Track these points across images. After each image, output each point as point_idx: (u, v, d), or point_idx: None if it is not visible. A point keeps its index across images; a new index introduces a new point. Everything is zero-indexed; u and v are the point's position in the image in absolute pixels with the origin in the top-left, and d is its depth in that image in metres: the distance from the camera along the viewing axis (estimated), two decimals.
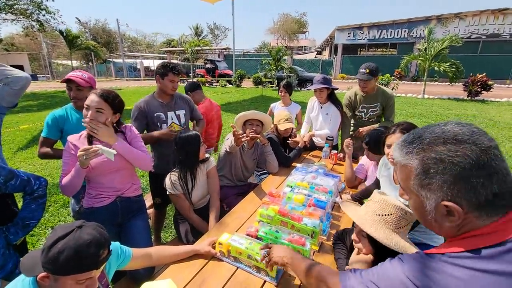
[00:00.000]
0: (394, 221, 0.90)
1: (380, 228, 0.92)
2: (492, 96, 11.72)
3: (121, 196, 1.66)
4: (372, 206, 0.99)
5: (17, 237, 1.38)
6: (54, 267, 0.81)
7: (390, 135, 1.55)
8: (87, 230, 0.87)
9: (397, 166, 0.65)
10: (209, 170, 1.94)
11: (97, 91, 1.51)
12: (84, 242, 0.83)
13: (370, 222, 0.96)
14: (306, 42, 44.10)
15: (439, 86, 17.43)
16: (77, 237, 0.84)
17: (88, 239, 0.84)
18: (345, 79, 21.43)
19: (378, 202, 0.95)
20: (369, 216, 0.97)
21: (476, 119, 7.76)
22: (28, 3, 15.33)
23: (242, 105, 10.13)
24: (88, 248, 0.83)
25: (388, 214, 0.91)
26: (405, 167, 0.62)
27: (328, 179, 1.98)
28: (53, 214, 3.01)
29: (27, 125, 7.11)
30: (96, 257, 0.86)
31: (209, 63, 21.26)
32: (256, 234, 1.40)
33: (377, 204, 0.95)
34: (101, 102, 1.48)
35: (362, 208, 1.06)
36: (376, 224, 0.94)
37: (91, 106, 1.47)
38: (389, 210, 0.91)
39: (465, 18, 19.09)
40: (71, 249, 0.81)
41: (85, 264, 0.84)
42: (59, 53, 31.86)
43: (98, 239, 0.87)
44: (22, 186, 1.38)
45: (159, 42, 43.15)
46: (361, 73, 2.58)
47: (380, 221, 0.93)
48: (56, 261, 0.80)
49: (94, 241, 0.85)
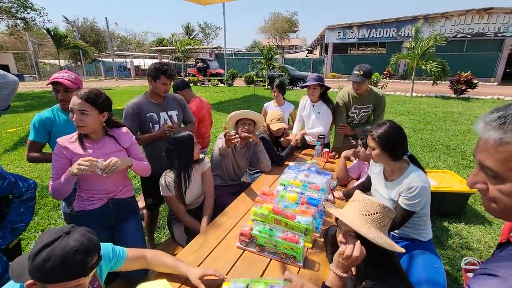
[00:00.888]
0: (380, 220, 0.93)
1: (368, 227, 0.95)
2: (477, 94, 12.10)
3: (114, 198, 1.65)
4: (357, 206, 1.01)
5: (5, 241, 1.35)
6: (40, 275, 0.78)
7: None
8: (75, 236, 0.83)
9: (490, 147, 0.56)
10: (204, 171, 1.94)
11: (78, 93, 1.47)
12: (71, 250, 0.80)
13: (358, 222, 0.98)
14: (297, 41, 44.26)
15: (427, 84, 17.79)
16: (63, 244, 0.80)
17: (75, 246, 0.81)
18: (336, 78, 21.65)
19: (363, 202, 0.97)
20: (356, 216, 0.99)
21: (462, 116, 7.99)
22: (13, 1, 14.87)
23: (234, 104, 10.12)
24: (75, 255, 0.80)
25: (374, 213, 0.93)
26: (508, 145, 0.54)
27: (320, 177, 2.01)
28: (43, 217, 2.95)
29: (14, 128, 6.91)
30: (84, 264, 0.82)
31: (200, 62, 21.09)
32: (250, 233, 1.42)
33: (362, 204, 0.97)
34: (83, 103, 1.45)
35: (347, 209, 1.07)
36: (364, 224, 0.96)
37: (74, 109, 1.45)
38: (375, 209, 0.93)
39: (451, 18, 19.54)
40: (57, 257, 0.78)
41: (72, 272, 0.81)
42: (46, 52, 30.97)
43: (85, 246, 0.83)
44: (10, 188, 1.35)
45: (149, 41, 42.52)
46: (354, 75, 2.60)
47: (367, 220, 0.96)
48: (42, 269, 0.77)
49: (82, 248, 0.82)
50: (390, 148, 1.49)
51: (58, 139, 1.52)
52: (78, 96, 1.46)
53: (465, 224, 2.81)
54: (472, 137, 5.83)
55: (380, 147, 1.50)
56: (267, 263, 1.34)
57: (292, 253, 1.33)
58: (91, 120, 1.49)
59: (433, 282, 1.34)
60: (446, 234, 2.64)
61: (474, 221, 2.86)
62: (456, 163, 4.45)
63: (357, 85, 2.65)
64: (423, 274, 1.38)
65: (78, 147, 1.51)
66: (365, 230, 0.94)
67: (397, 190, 1.53)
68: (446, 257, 2.34)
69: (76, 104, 1.45)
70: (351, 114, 2.87)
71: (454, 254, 2.37)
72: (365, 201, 0.97)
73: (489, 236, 2.62)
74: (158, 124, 2.17)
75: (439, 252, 2.39)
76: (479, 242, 2.54)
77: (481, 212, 3.03)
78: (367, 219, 0.95)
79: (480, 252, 2.40)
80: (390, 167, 1.58)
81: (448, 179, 3.17)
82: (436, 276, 1.37)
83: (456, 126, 6.81)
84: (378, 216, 0.93)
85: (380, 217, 0.93)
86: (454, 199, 2.87)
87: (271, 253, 1.38)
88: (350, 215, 1.01)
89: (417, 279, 1.36)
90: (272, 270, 1.30)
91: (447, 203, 2.88)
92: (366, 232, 0.93)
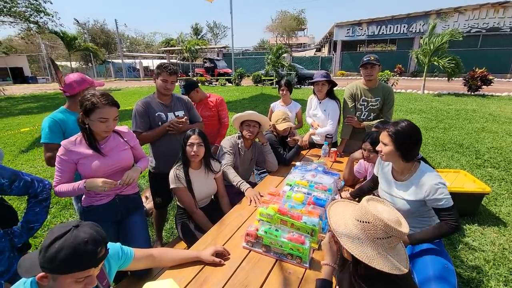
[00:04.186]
0: (371, 230, 0.90)
1: (355, 234, 0.93)
2: (492, 91, 11.68)
3: (120, 194, 1.69)
4: (355, 209, 0.99)
5: (21, 239, 1.40)
6: (52, 267, 0.82)
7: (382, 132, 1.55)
8: (84, 229, 0.88)
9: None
10: (217, 177, 2.01)
11: (108, 101, 1.48)
12: (82, 241, 0.84)
13: (343, 224, 0.98)
14: (305, 39, 43.97)
15: (439, 81, 17.37)
16: (74, 236, 0.85)
17: (85, 238, 0.85)
18: (345, 76, 21.36)
19: (360, 208, 0.95)
20: (350, 220, 0.98)
21: (476, 114, 7.75)
22: (26, 6, 15.31)
23: (242, 104, 10.14)
24: (85, 246, 0.84)
25: (366, 222, 0.91)
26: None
27: (327, 177, 1.99)
28: (55, 215, 3.04)
29: (28, 128, 7.13)
30: (94, 254, 0.87)
31: (208, 62, 21.23)
32: (256, 233, 1.42)
33: (359, 210, 0.95)
34: (116, 110, 1.54)
35: (347, 210, 1.06)
36: (352, 227, 0.95)
37: (110, 118, 1.49)
38: (367, 218, 0.91)
39: (464, 12, 18.98)
40: (69, 248, 0.82)
41: (83, 262, 0.85)
42: (58, 54, 31.82)
43: (95, 237, 0.88)
44: (26, 189, 1.40)
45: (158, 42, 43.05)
46: (366, 59, 2.57)
47: (357, 226, 0.94)
48: (54, 260, 0.81)
49: (91, 239, 0.86)
50: (405, 147, 1.45)
51: (62, 142, 1.54)
52: (110, 104, 1.48)
53: (478, 225, 2.73)
54: (487, 136, 5.64)
55: (395, 145, 1.45)
56: (273, 264, 1.34)
57: (298, 254, 1.32)
58: (116, 122, 1.56)
59: (444, 281, 1.30)
60: (459, 235, 2.57)
61: (488, 222, 2.78)
62: (469, 163, 4.32)
63: (370, 70, 2.59)
64: (432, 274, 1.34)
65: (85, 149, 1.53)
66: (344, 238, 0.94)
67: (413, 191, 1.49)
68: (458, 259, 2.28)
69: (113, 113, 1.51)
70: (359, 106, 2.81)
71: (467, 256, 2.31)
72: (362, 208, 0.94)
73: (504, 238, 2.54)
74: None
75: (451, 254, 2.33)
76: (493, 244, 2.46)
77: (496, 213, 2.93)
78: (358, 225, 0.93)
79: (494, 254, 2.33)
80: (399, 166, 1.54)
81: (460, 179, 3.09)
82: (446, 276, 1.34)
83: (470, 124, 6.61)
84: (370, 226, 0.90)
85: (371, 227, 0.89)
86: (467, 200, 2.79)
87: (277, 254, 1.38)
88: (344, 215, 1.02)
89: (424, 278, 1.33)
90: (278, 271, 1.30)
91: (460, 204, 2.78)
92: (344, 241, 0.94)
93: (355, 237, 0.93)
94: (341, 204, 1.10)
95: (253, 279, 1.24)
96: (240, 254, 1.41)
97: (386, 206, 0.98)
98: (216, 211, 2.00)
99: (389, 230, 0.88)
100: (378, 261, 0.87)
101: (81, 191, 1.49)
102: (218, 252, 1.37)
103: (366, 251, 0.89)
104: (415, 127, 1.46)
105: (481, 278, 2.08)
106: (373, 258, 0.88)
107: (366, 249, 0.90)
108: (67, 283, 0.85)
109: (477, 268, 2.18)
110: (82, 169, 1.53)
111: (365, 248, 0.90)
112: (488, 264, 2.21)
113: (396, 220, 0.91)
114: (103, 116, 1.45)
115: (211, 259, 1.32)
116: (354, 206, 1.05)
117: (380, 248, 0.90)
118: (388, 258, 0.89)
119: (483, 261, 2.25)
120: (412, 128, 1.45)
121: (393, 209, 0.97)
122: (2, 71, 25.29)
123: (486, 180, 3.65)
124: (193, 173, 1.88)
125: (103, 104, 1.44)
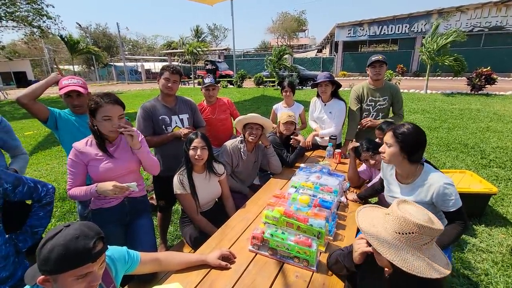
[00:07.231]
0: (416, 239, 0.86)
1: (401, 248, 0.90)
2: (496, 90, 11.59)
3: (129, 197, 1.70)
4: (391, 223, 0.94)
5: (26, 244, 1.40)
6: (48, 267, 0.82)
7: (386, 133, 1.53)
8: (74, 226, 0.88)
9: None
10: (221, 179, 2.00)
11: (112, 100, 1.51)
12: (72, 237, 0.84)
13: (387, 243, 0.93)
14: (306, 41, 43.97)
15: (442, 81, 17.29)
16: (64, 234, 0.84)
17: (75, 234, 0.85)
18: (347, 76, 21.32)
19: (398, 220, 0.91)
20: (390, 235, 0.93)
21: (481, 113, 7.69)
22: (29, 10, 15.44)
23: (244, 105, 10.13)
24: (76, 242, 0.84)
25: (410, 233, 0.87)
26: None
27: (332, 178, 1.97)
28: (60, 219, 3.04)
29: (31, 132, 7.17)
30: (88, 249, 0.85)
31: (209, 64, 21.28)
32: (262, 236, 1.40)
33: (397, 222, 0.91)
34: (121, 109, 1.56)
35: (380, 223, 0.99)
36: (397, 242, 0.91)
37: (114, 117, 1.50)
38: (410, 228, 0.87)
39: (466, 11, 18.89)
40: (60, 246, 0.82)
41: (77, 258, 0.84)
42: (61, 58, 32.08)
43: (86, 233, 0.87)
44: (30, 193, 1.40)
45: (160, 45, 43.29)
46: (375, 59, 2.57)
47: (400, 239, 0.90)
48: (48, 260, 0.81)
49: (82, 235, 0.86)
50: (410, 149, 1.43)
51: (74, 144, 1.55)
52: (112, 102, 1.50)
53: (485, 226, 2.69)
54: (492, 135, 5.59)
55: (400, 146, 1.43)
56: (280, 267, 1.32)
57: (305, 257, 1.30)
58: (123, 121, 1.57)
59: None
60: (465, 236, 2.54)
61: (495, 223, 2.74)
62: (475, 163, 4.28)
63: (378, 69, 2.59)
64: None
65: (95, 150, 1.56)
66: (392, 252, 0.90)
67: (419, 193, 1.47)
68: (465, 260, 2.25)
69: (117, 111, 1.52)
70: (366, 107, 2.79)
71: (474, 258, 2.28)
72: (399, 219, 0.90)
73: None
74: (170, 127, 2.20)
75: (457, 255, 2.30)
76: (501, 245, 2.42)
77: (503, 213, 2.90)
78: (401, 238, 0.90)
79: (502, 256, 2.29)
80: (404, 169, 1.52)
81: (466, 179, 3.05)
82: None
83: (475, 124, 6.56)
84: (414, 236, 0.87)
85: (416, 236, 0.86)
86: (473, 200, 2.75)
87: (284, 257, 1.36)
88: (383, 231, 0.95)
89: None
90: (284, 274, 1.28)
91: (466, 205, 2.74)
92: (392, 256, 0.89)
93: (399, 249, 0.91)
94: (368, 212, 1.08)
95: (260, 282, 1.23)
96: (246, 257, 1.39)
97: (413, 206, 0.96)
98: (220, 213, 1.99)
99: (432, 232, 0.87)
100: (430, 272, 0.86)
101: (92, 195, 1.50)
102: (224, 256, 1.36)
103: (414, 263, 0.88)
104: (420, 129, 1.45)
105: (489, 280, 2.05)
106: (422, 269, 0.86)
107: (415, 262, 0.88)
108: (68, 282, 0.84)
109: (485, 270, 2.15)
110: (92, 170, 1.54)
111: (413, 261, 0.88)
112: (497, 266, 2.18)
113: (429, 219, 0.89)
114: (106, 114, 1.48)
115: (217, 262, 1.31)
116: (385, 217, 1.00)
117: (426, 252, 0.89)
118: (433, 265, 0.88)
119: (491, 262, 2.22)
120: (418, 130, 1.44)
121: (419, 208, 0.96)
122: (6, 76, 25.56)
123: (492, 180, 3.61)
124: (197, 177, 1.87)
125: (105, 103, 1.48)
